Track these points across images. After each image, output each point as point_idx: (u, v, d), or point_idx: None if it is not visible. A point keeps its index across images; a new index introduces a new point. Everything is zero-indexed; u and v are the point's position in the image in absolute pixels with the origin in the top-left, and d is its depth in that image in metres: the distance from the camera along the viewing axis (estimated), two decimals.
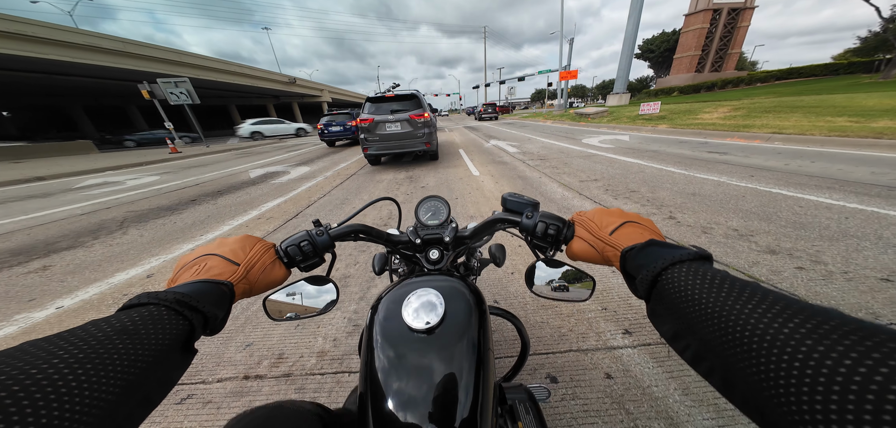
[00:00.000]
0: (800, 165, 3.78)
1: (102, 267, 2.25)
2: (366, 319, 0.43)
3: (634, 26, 17.94)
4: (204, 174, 6.30)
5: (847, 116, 7.03)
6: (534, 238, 0.47)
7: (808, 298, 1.43)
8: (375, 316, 0.41)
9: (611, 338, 1.27)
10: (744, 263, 1.73)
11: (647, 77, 49.31)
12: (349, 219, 0.58)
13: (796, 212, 2.38)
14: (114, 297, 1.84)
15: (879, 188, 2.77)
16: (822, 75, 26.02)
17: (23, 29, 11.87)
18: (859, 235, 1.96)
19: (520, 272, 1.80)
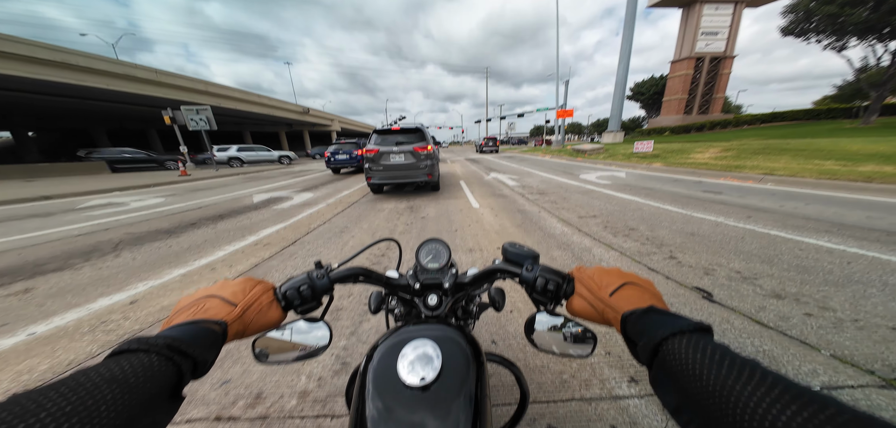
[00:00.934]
0: (795, 207, 3.83)
1: (86, 291, 2.18)
2: (361, 365, 0.42)
3: (624, 71, 19.37)
4: (208, 197, 6.39)
5: (834, 160, 7.28)
6: (534, 292, 0.47)
7: (821, 347, 1.36)
8: (369, 364, 0.40)
9: (616, 386, 1.19)
10: (750, 308, 1.68)
11: (639, 117, 52.08)
12: (350, 260, 0.58)
13: (798, 255, 2.36)
14: (90, 324, 1.76)
15: (877, 233, 2.78)
16: (804, 120, 27.49)
17: (69, 58, 12.91)
18: (864, 280, 1.92)
19: (518, 311, 1.74)
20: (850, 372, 1.22)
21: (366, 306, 1.83)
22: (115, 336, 1.65)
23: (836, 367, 1.25)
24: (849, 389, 1.14)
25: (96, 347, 1.56)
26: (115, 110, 20.19)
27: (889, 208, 3.65)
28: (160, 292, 2.14)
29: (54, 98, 15.49)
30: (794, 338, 1.43)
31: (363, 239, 3.28)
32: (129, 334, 1.66)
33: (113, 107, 18.80)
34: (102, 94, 15.29)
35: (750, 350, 1.36)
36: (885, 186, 4.70)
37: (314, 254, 2.85)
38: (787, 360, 1.30)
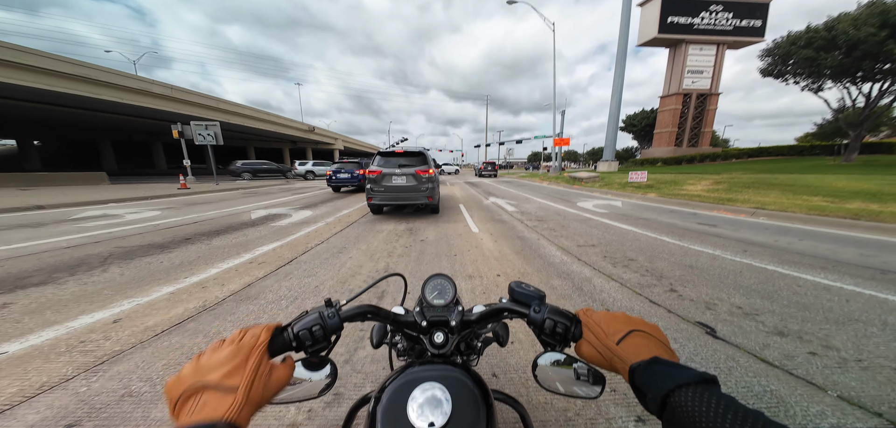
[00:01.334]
0: (789, 243, 3.89)
1: (68, 308, 2.09)
2: (370, 406, 0.41)
3: (617, 103, 20.40)
4: (206, 212, 6.35)
5: (821, 196, 7.51)
6: (542, 333, 0.47)
7: (828, 388, 1.32)
8: (378, 406, 0.40)
9: (622, 426, 1.14)
10: (754, 345, 1.65)
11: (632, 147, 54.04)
12: (358, 296, 0.59)
13: (796, 291, 2.36)
14: (68, 344, 1.68)
15: (871, 271, 2.81)
16: (788, 155, 28.68)
17: (89, 73, 13.45)
18: (864, 319, 1.92)
19: (520, 342, 1.69)
20: (858, 414, 1.18)
21: (360, 333, 1.78)
22: (92, 357, 1.56)
23: (844, 408, 1.21)
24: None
25: (72, 369, 1.47)
26: (124, 123, 20.65)
27: (880, 246, 3.72)
28: (146, 311, 2.06)
29: (65, 109, 15.86)
30: (800, 378, 1.39)
31: (361, 260, 3.24)
32: (108, 356, 1.58)
33: (123, 119, 19.25)
34: (116, 107, 15.73)
35: (757, 390, 1.32)
36: (873, 224, 4.82)
37: (310, 275, 2.79)
38: (795, 400, 1.26)
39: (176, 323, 1.90)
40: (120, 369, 1.47)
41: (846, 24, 17.51)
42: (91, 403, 1.27)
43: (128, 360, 1.55)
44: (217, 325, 1.89)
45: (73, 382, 1.39)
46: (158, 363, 1.52)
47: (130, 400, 1.28)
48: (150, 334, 1.78)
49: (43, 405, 1.25)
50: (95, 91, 13.93)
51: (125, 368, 1.49)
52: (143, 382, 1.39)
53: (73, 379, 1.41)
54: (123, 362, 1.53)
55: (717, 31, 27.99)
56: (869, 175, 12.34)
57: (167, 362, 1.52)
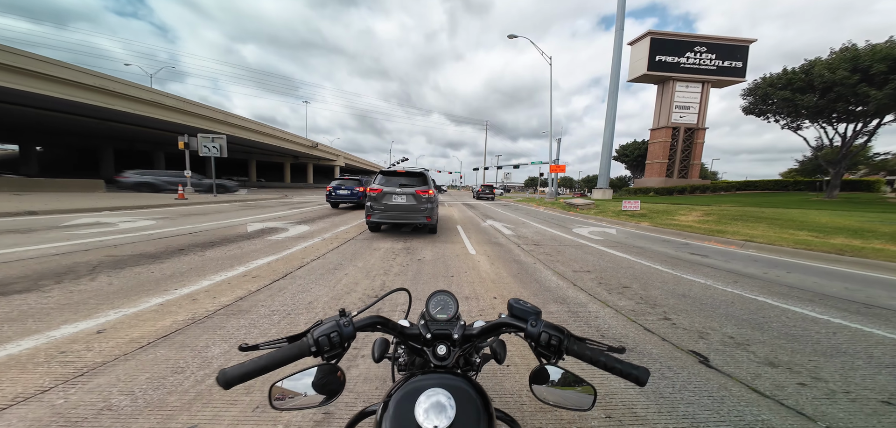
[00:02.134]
0: (777, 275, 3.98)
1: (50, 316, 2.03)
2: (378, 414, 0.44)
3: (610, 134, 21.35)
4: (202, 223, 6.29)
5: (807, 231, 7.75)
6: (538, 345, 0.51)
7: (817, 419, 1.33)
8: (387, 410, 0.42)
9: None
10: (746, 375, 1.66)
11: (625, 176, 55.70)
12: (368, 308, 0.62)
13: (785, 323, 2.40)
14: (47, 354, 1.61)
15: (857, 304, 2.88)
16: (773, 190, 29.78)
17: (105, 84, 13.85)
18: (851, 352, 1.95)
19: (516, 366, 1.68)
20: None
21: (354, 352, 1.75)
22: (72, 369, 1.50)
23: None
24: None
25: (49, 380, 1.41)
26: (128, 131, 20.85)
27: (864, 280, 3.82)
28: (132, 322, 2.01)
29: (72, 116, 16.06)
30: (790, 408, 1.40)
31: (357, 278, 3.22)
32: (89, 368, 1.52)
33: (127, 128, 19.46)
34: (128, 117, 15.99)
35: (748, 419, 1.32)
36: (856, 259, 4.97)
37: (304, 290, 2.76)
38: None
39: (162, 335, 1.85)
40: (100, 382, 1.42)
41: (821, 67, 19.04)
42: (67, 416, 1.21)
43: (109, 372, 1.49)
44: (205, 338, 1.85)
45: (49, 394, 1.33)
46: (142, 377, 1.47)
47: (109, 414, 1.23)
48: (135, 346, 1.72)
49: (14, 417, 1.19)
50: (110, 102, 14.26)
51: (106, 380, 1.43)
52: (123, 395, 1.34)
53: (50, 391, 1.35)
54: (104, 375, 1.47)
55: (701, 70, 30.16)
56: (850, 212, 12.83)
57: (151, 376, 1.47)
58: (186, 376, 1.48)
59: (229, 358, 1.66)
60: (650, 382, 1.56)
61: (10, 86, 11.05)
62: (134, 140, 25.12)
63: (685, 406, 1.39)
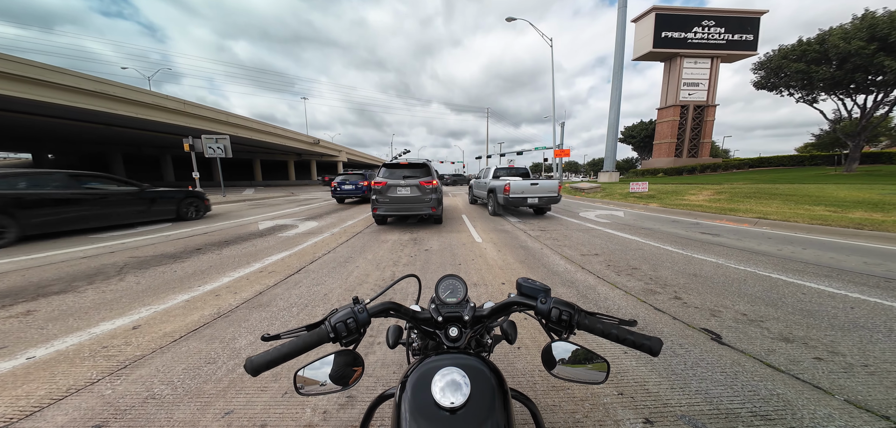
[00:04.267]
0: (792, 251, 3.91)
1: (89, 315, 2.16)
2: (396, 393, 0.46)
3: (616, 115, 20.78)
4: (214, 223, 6.47)
5: (824, 206, 7.52)
6: (549, 322, 0.52)
7: (835, 392, 1.34)
8: (405, 390, 0.44)
9: (631, 427, 1.17)
10: (760, 351, 1.67)
11: (632, 158, 54.35)
12: (380, 295, 0.64)
13: (800, 299, 2.38)
14: (91, 349, 1.73)
15: (876, 279, 2.82)
16: (789, 165, 28.71)
17: (108, 89, 14.05)
18: (869, 326, 1.94)
19: (526, 348, 1.72)
20: (865, 417, 1.20)
21: (370, 340, 1.82)
22: (115, 362, 1.62)
23: (851, 412, 1.23)
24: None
25: (96, 373, 1.52)
26: (136, 136, 21.26)
27: (883, 255, 3.72)
28: (163, 318, 2.12)
29: (82, 123, 16.40)
30: (806, 382, 1.42)
31: (368, 270, 3.30)
32: (130, 361, 1.63)
33: (135, 133, 19.82)
34: (132, 121, 16.26)
35: (763, 394, 1.34)
36: (875, 233, 4.82)
37: (319, 283, 2.85)
38: (802, 404, 1.28)
39: (192, 329, 1.96)
40: (142, 373, 1.53)
41: (837, 37, 17.95)
42: (116, 405, 1.31)
43: (149, 364, 1.60)
44: (232, 331, 1.95)
45: (98, 385, 1.44)
46: (179, 367, 1.57)
47: (154, 402, 1.33)
48: (169, 340, 1.83)
49: (71, 407, 1.30)
50: (114, 107, 14.49)
51: (147, 372, 1.54)
52: (164, 384, 1.44)
53: (98, 382, 1.46)
54: (145, 367, 1.58)
55: (710, 45, 28.74)
56: (870, 185, 12.33)
57: (187, 366, 1.57)
58: (218, 366, 1.58)
59: (256, 349, 1.75)
60: (662, 359, 1.59)
61: (14, 94, 11.30)
62: (141, 145, 25.58)
63: (697, 382, 1.42)
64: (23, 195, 4.43)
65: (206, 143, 13.03)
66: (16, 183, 4.46)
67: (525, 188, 7.03)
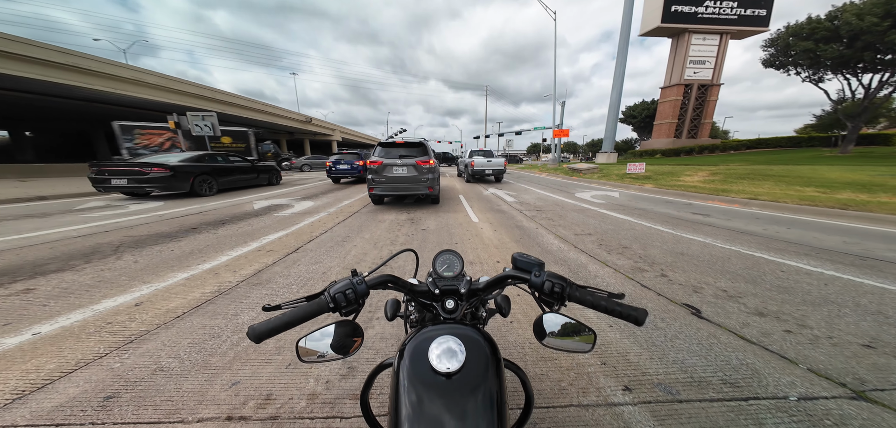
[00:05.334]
0: (777, 231, 4.04)
1: (90, 292, 2.19)
2: (395, 362, 0.48)
3: (618, 94, 20.30)
4: (208, 203, 6.38)
5: (814, 187, 7.66)
6: (541, 294, 0.54)
7: (799, 361, 1.46)
8: (403, 358, 0.46)
9: (611, 394, 1.27)
10: (735, 324, 1.79)
11: (631, 139, 53.81)
12: (378, 269, 0.65)
13: (779, 276, 2.50)
14: (96, 325, 1.78)
15: (852, 257, 2.96)
16: (787, 147, 28.84)
17: (82, 63, 13.14)
18: (839, 301, 2.06)
19: (519, 322, 1.81)
20: (824, 385, 1.32)
21: (370, 314, 1.89)
22: (121, 337, 1.67)
23: (812, 379, 1.35)
24: (823, 400, 1.24)
25: (104, 347, 1.58)
26: (117, 113, 20.29)
27: (863, 234, 3.87)
28: (165, 295, 2.16)
29: (59, 99, 15.53)
30: (774, 353, 1.53)
31: (365, 248, 3.34)
32: (136, 336, 1.68)
33: (116, 110, 18.89)
34: (109, 97, 15.43)
35: (734, 363, 1.46)
36: (859, 214, 4.98)
37: (317, 262, 2.90)
38: (769, 372, 1.39)
39: (194, 306, 2.01)
40: (149, 347, 1.58)
41: (850, 14, 17.36)
42: (126, 377, 1.38)
43: (154, 339, 1.66)
44: (234, 307, 2.00)
45: (106, 358, 1.50)
46: (184, 341, 1.63)
47: (162, 374, 1.39)
48: (172, 316, 1.88)
49: (81, 379, 1.36)
50: (91, 82, 13.67)
51: (153, 346, 1.60)
52: (171, 358, 1.50)
53: (107, 356, 1.51)
54: (151, 341, 1.64)
55: (721, 20, 27.56)
56: (862, 166, 12.50)
57: (192, 341, 1.63)
58: (223, 340, 1.64)
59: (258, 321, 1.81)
60: (643, 332, 1.70)
61: None
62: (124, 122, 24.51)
63: (675, 353, 1.53)
64: (216, 167, 7.73)
65: (193, 121, 12.49)
66: (212, 159, 7.84)
67: (484, 164, 11.23)
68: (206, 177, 7.38)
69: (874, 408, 1.19)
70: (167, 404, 1.22)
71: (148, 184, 6.46)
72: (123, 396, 1.26)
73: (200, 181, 7.20)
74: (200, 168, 7.25)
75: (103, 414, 1.17)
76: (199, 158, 7.45)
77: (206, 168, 7.40)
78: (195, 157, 7.37)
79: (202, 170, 7.28)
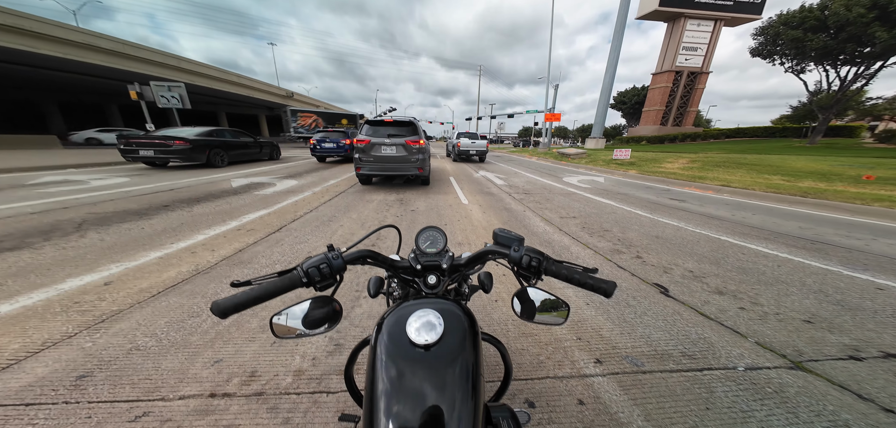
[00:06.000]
0: (743, 217, 4.33)
1: (52, 271, 2.06)
2: (372, 335, 0.48)
3: (610, 79, 20.23)
4: (180, 180, 6.00)
5: (780, 176, 8.18)
6: (520, 268, 0.55)
7: (749, 335, 1.63)
8: (381, 332, 0.46)
9: (584, 366, 1.37)
10: (697, 302, 1.94)
11: (620, 125, 54.56)
12: (356, 244, 0.64)
13: (740, 258, 2.71)
14: (62, 305, 1.69)
15: (804, 241, 3.24)
16: (763, 137, 30.32)
17: (21, 23, 11.40)
18: (788, 281, 2.28)
19: (502, 300, 1.88)
20: (768, 356, 1.48)
21: (357, 293, 1.90)
22: (91, 316, 1.60)
23: (758, 351, 1.51)
24: (766, 369, 1.39)
25: (72, 327, 1.51)
26: (69, 81, 18.09)
27: (817, 220, 4.23)
28: (137, 274, 2.07)
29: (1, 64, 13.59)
30: (728, 327, 1.69)
31: (353, 229, 3.30)
32: (108, 316, 1.62)
33: (69, 77, 16.83)
34: (58, 62, 13.66)
35: (693, 337, 1.60)
36: (816, 201, 5.40)
37: (302, 241, 2.84)
38: (722, 345, 1.55)
39: (170, 285, 1.94)
40: (122, 327, 1.53)
41: (839, 3, 17.85)
42: (99, 356, 1.34)
43: (128, 318, 1.60)
44: (213, 287, 1.95)
45: (76, 338, 1.44)
46: (161, 321, 1.58)
47: (139, 353, 1.36)
48: (147, 296, 1.81)
49: (50, 359, 1.31)
50: (35, 45, 12.00)
51: (127, 325, 1.54)
52: (147, 337, 1.46)
53: (76, 336, 1.45)
54: (124, 321, 1.58)
55: (717, 7, 27.48)
56: (825, 156, 13.40)
57: (169, 320, 1.59)
58: (203, 319, 1.61)
59: None
60: (615, 309, 1.82)
61: None
62: (79, 91, 21.93)
63: (642, 328, 1.66)
64: (226, 141, 8.43)
65: (158, 92, 11.37)
66: (222, 134, 8.42)
67: (469, 144, 12.63)
68: (219, 150, 8.08)
69: (808, 377, 1.35)
70: (146, 382, 1.20)
71: (171, 155, 7.13)
72: (98, 375, 1.23)
73: (214, 153, 7.91)
74: (214, 142, 7.97)
75: (77, 392, 1.15)
76: (211, 133, 8.05)
77: (219, 142, 8.12)
78: (208, 132, 7.95)
79: (216, 143, 8.00)
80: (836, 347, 1.55)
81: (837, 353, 1.51)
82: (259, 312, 1.64)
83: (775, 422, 1.12)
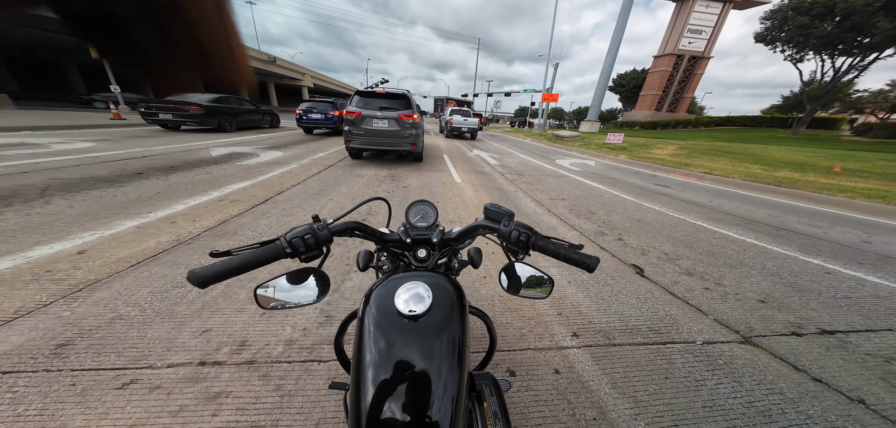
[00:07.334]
0: (720, 204, 4.54)
1: (18, 238, 1.95)
2: (360, 307, 0.48)
3: (611, 60, 19.74)
4: (154, 147, 5.60)
5: (760, 165, 8.52)
6: (508, 243, 0.56)
7: (709, 313, 1.78)
8: (369, 303, 0.46)
9: (562, 339, 1.47)
10: (668, 282, 2.09)
11: (616, 109, 54.24)
12: (344, 216, 0.61)
13: (711, 242, 2.89)
14: (33, 273, 1.62)
15: (770, 228, 3.47)
16: (751, 126, 31.07)
17: None
18: (751, 264, 2.46)
19: (491, 277, 1.95)
20: (723, 332, 1.64)
21: (347, 267, 1.92)
22: (66, 285, 1.55)
23: (715, 328, 1.66)
24: (720, 344, 1.54)
25: (46, 296, 1.46)
26: (15, 35, 15.79)
27: (785, 208, 4.50)
28: (113, 243, 1.99)
29: None
30: (692, 305, 1.84)
31: (342, 203, 3.24)
32: (85, 284, 1.57)
33: (13, 30, 14.67)
34: None
35: (661, 314, 1.74)
36: (788, 190, 5.71)
37: (289, 214, 2.78)
38: (685, 322, 1.69)
39: (151, 255, 1.89)
40: (102, 296, 1.50)
41: None
42: (79, 325, 1.31)
43: (108, 288, 1.56)
44: (197, 258, 1.91)
45: (52, 307, 1.40)
46: (143, 291, 1.56)
47: (122, 322, 1.35)
48: (126, 265, 1.76)
49: (25, 328, 1.28)
50: None
51: (108, 294, 1.51)
52: (130, 307, 1.44)
53: (52, 305, 1.41)
54: (104, 290, 1.54)
55: None
56: (804, 147, 13.98)
57: (152, 290, 1.57)
58: (188, 290, 1.59)
59: None
60: (594, 287, 1.93)
61: None
62: (28, 47, 19.28)
63: (617, 305, 1.78)
64: (233, 108, 8.93)
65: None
66: (228, 101, 8.88)
67: (461, 122, 12.91)
68: (228, 115, 8.70)
69: (755, 350, 1.51)
70: (132, 351, 1.21)
71: (188, 119, 7.79)
72: (79, 344, 1.22)
73: (224, 119, 8.55)
74: (224, 109, 8.62)
75: (58, 361, 1.14)
76: (220, 100, 8.61)
77: (228, 109, 8.75)
78: (218, 99, 8.52)
79: (225, 110, 8.66)
80: (782, 324, 1.73)
81: (782, 329, 1.69)
82: (247, 284, 1.64)
83: (723, 390, 1.26)
